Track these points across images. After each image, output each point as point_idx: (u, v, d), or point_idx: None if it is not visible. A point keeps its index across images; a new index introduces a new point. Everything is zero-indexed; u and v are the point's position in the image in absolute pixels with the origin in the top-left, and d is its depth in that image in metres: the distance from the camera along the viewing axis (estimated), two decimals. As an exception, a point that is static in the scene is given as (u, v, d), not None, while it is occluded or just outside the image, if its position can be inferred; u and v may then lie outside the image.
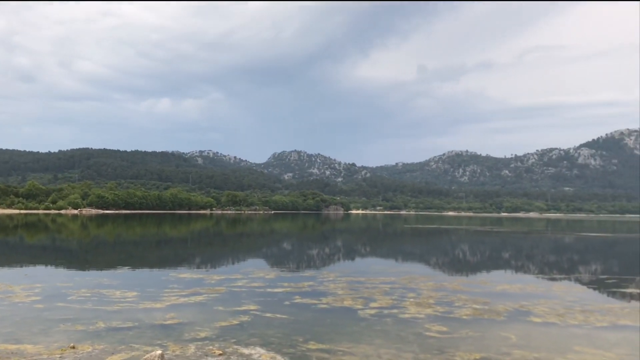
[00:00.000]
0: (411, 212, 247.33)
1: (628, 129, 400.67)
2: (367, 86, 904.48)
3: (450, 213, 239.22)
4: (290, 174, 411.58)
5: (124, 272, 20.58)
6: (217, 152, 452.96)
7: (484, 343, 10.34)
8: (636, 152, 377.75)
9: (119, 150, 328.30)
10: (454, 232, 64.70)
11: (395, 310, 13.36)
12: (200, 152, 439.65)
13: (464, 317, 12.78)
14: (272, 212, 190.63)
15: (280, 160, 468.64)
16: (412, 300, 14.91)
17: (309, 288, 17.00)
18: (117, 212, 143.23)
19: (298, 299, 14.89)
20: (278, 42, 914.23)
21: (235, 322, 11.93)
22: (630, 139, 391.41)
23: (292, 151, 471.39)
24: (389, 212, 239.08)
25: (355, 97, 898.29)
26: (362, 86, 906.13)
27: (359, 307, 13.83)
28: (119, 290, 15.91)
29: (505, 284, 18.68)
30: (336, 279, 19.33)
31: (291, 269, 23.10)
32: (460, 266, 26.44)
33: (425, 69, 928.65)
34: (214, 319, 12.21)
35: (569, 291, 17.17)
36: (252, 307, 13.61)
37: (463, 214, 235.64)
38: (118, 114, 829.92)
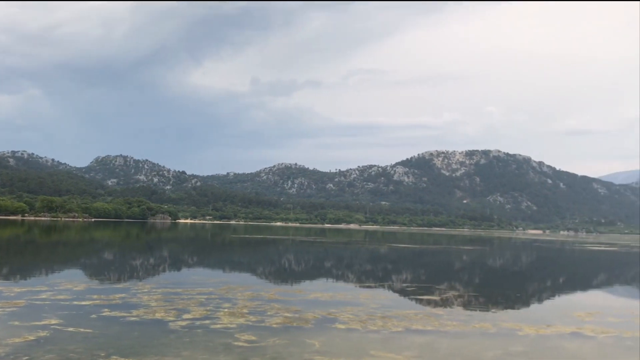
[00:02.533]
0: (241, 222, 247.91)
1: (437, 151, 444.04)
2: (199, 94, 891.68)
3: (279, 223, 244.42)
4: (115, 180, 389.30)
5: None
6: (33, 154, 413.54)
7: (289, 350, 10.78)
8: (443, 171, 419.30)
9: None
10: (280, 242, 66.16)
11: (207, 321, 13.33)
12: (13, 152, 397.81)
13: (274, 325, 13.18)
14: (93, 219, 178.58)
15: (104, 165, 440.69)
16: (226, 310, 15.00)
17: (120, 300, 16.27)
18: None
19: (106, 312, 14.18)
20: (107, 42, 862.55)
21: (31, 337, 11.02)
22: (438, 160, 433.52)
23: (117, 156, 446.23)
24: (218, 222, 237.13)
25: (187, 105, 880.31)
26: (195, 94, 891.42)
27: (171, 318, 13.57)
28: None
29: (318, 293, 19.57)
30: (151, 290, 18.74)
31: (104, 280, 21.90)
32: (280, 276, 27.16)
33: (259, 81, 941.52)
34: (6, 335, 11.16)
35: (373, 299, 18.50)
36: (53, 321, 12.68)
37: (290, 224, 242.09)
38: None
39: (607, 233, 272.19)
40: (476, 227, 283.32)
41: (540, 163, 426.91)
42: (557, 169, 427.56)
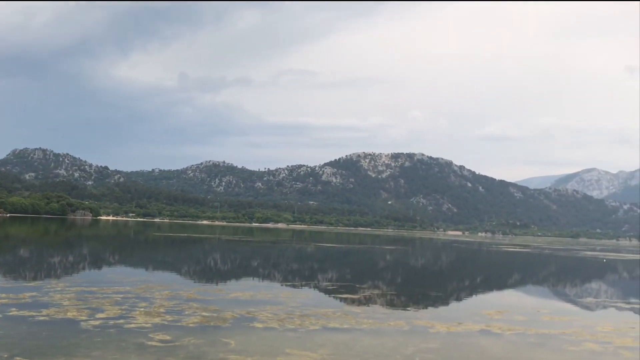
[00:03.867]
0: (165, 220, 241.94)
1: (364, 152, 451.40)
2: (125, 88, 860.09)
3: (205, 222, 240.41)
4: (33, 174, 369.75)
5: None
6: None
7: (204, 350, 10.71)
8: (369, 173, 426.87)
9: None
10: (205, 241, 65.23)
11: (121, 321, 13.01)
12: None
13: (191, 325, 13.04)
14: (8, 215, 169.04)
15: (21, 158, 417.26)
16: (142, 309, 14.68)
17: (30, 299, 15.57)
18: None
19: (14, 312, 13.54)
20: (28, 29, 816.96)
21: None
22: (365, 161, 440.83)
23: (36, 149, 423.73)
24: (142, 220, 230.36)
25: (112, 98, 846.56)
26: (120, 87, 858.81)
27: (83, 318, 13.14)
28: None
29: (239, 292, 19.50)
30: (65, 288, 18.04)
31: (15, 278, 20.90)
32: (202, 275, 26.85)
33: (187, 77, 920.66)
34: None
35: (294, 297, 18.65)
36: (-48, 323, 12.00)
37: (217, 223, 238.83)
38: None
39: (522, 235, 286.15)
40: (400, 227, 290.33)
41: (461, 167, 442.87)
42: (477, 173, 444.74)
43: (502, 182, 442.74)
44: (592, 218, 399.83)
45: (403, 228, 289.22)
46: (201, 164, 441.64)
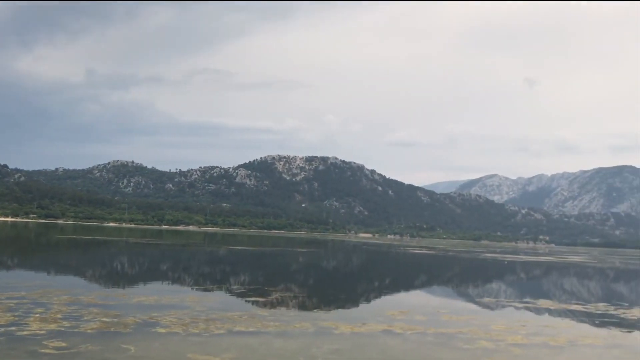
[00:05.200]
0: (69, 222, 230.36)
1: (279, 155, 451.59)
2: (27, 83, 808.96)
3: (112, 224, 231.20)
4: None
5: None
6: None
7: (102, 356, 10.37)
8: (284, 175, 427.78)
9: None
10: (112, 244, 62.77)
11: (14, 328, 12.31)
12: None
13: (89, 330, 12.56)
14: None
15: None
16: (37, 316, 13.95)
17: None
18: None
19: None
20: None
21: None
22: (280, 164, 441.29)
23: None
24: (44, 221, 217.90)
25: (12, 93, 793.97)
26: (21, 81, 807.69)
27: (-30, 327, 12.33)
28: None
29: (143, 296, 18.96)
30: (-50, 295, 16.81)
31: None
32: (105, 279, 25.87)
33: (95, 73, 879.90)
34: None
35: (201, 301, 18.39)
36: None
37: (125, 225, 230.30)
38: None
39: (428, 238, 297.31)
40: (313, 230, 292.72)
41: (372, 171, 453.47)
42: (387, 177, 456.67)
43: (410, 186, 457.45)
44: (493, 222, 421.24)
45: (316, 230, 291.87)
46: (108, 163, 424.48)
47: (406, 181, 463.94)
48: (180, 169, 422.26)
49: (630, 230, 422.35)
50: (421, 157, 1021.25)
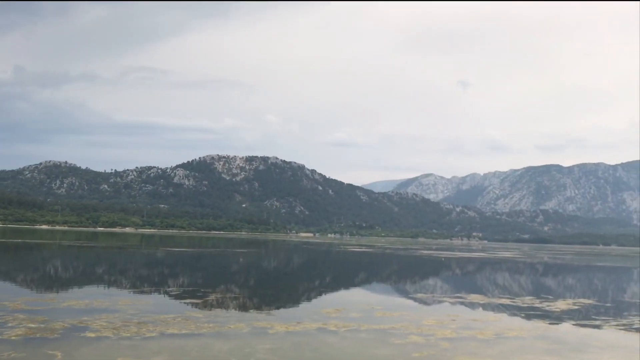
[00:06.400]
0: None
1: (218, 155, 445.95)
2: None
3: (44, 226, 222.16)
4: None
5: None
6: None
7: (26, 364, 10.06)
8: (224, 176, 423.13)
9: None
10: (43, 247, 60.26)
11: None
12: None
13: (14, 337, 12.12)
14: None
15: None
16: (-43, 324, 13.35)
17: None
18: None
19: None
20: None
21: None
22: (219, 164, 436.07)
23: None
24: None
25: None
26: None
27: None
28: None
29: (73, 300, 18.38)
30: None
31: None
32: (33, 284, 24.89)
33: (24, 70, 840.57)
34: None
35: (133, 304, 18.01)
36: None
37: (58, 227, 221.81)
38: None
39: (367, 236, 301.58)
40: (254, 230, 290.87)
41: (313, 171, 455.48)
42: (327, 176, 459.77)
43: (350, 185, 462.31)
44: (429, 219, 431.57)
45: (257, 231, 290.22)
46: (40, 164, 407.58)
47: (346, 181, 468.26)
48: (115, 170, 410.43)
49: (558, 227, 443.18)
50: (360, 157, 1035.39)
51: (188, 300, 19.87)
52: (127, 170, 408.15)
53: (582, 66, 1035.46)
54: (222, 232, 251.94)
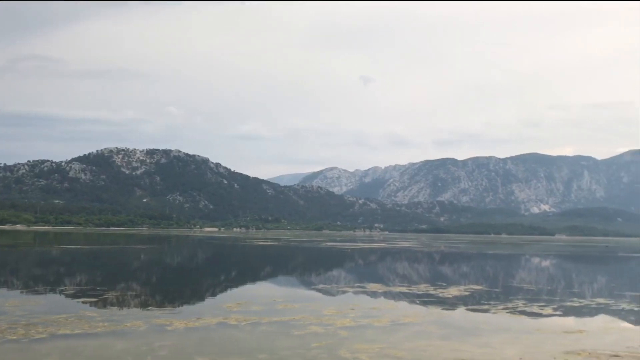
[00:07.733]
0: None
1: (117, 148, 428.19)
2: None
3: None
4: None
5: None
6: None
7: None
8: (123, 169, 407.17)
9: None
10: None
11: None
12: None
13: None
14: None
15: None
16: None
17: None
18: None
19: None
20: None
21: None
22: (118, 157, 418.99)
23: None
24: None
25: None
26: None
27: None
28: None
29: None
30: None
31: None
32: None
33: None
34: None
35: (22, 305, 17.01)
36: None
37: None
38: None
39: (274, 229, 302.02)
40: (156, 225, 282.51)
41: (217, 164, 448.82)
42: (232, 170, 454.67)
43: (255, 179, 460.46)
44: (333, 212, 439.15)
45: (159, 226, 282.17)
46: None
47: (252, 174, 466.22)
48: (5, 163, 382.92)
49: (453, 217, 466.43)
50: (265, 151, 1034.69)
51: (83, 300, 19.08)
52: (18, 164, 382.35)
53: (477, 64, 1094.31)
54: (121, 228, 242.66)
